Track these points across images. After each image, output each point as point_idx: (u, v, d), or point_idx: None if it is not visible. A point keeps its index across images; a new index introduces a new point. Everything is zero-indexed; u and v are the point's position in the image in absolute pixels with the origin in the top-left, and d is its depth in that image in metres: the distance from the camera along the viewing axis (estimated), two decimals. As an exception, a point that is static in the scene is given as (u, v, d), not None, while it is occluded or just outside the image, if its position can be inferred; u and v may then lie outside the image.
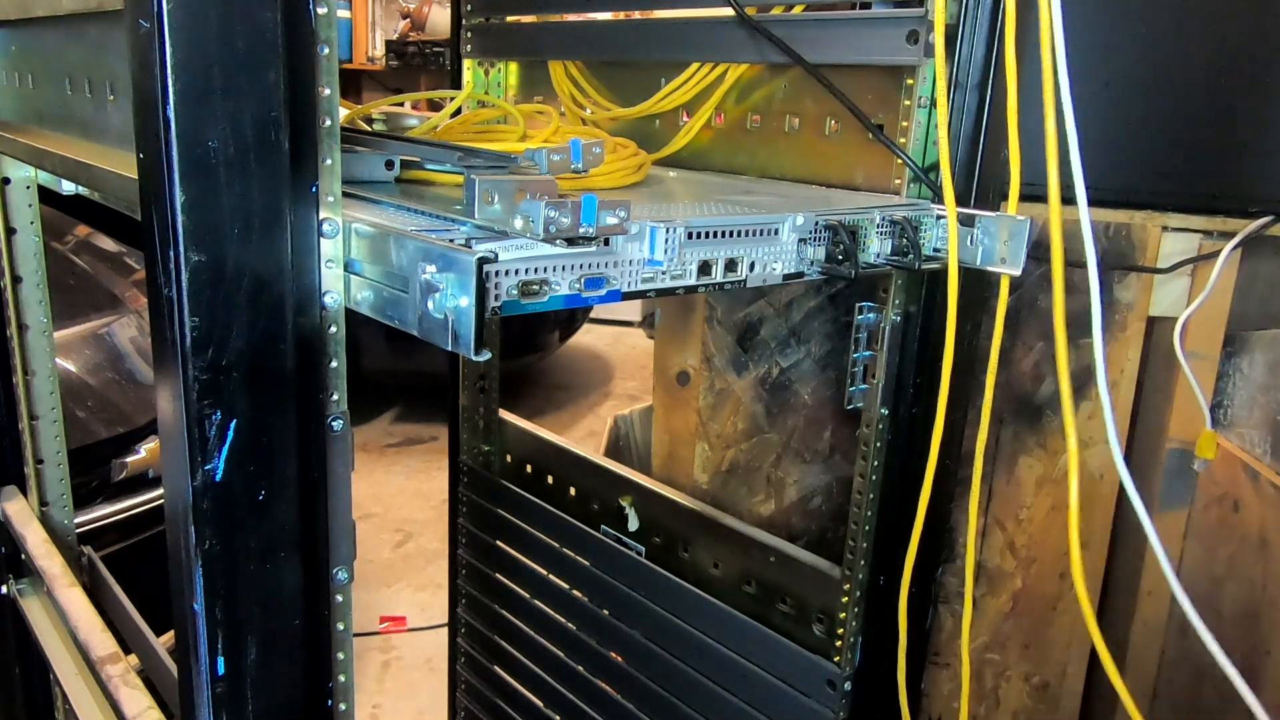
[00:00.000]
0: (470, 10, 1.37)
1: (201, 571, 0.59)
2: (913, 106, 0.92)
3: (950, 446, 0.98)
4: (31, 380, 1.26)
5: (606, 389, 4.93)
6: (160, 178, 0.54)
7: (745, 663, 1.11)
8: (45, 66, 0.96)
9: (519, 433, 1.46)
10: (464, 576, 1.55)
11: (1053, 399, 1.27)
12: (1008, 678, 1.37)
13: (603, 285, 0.70)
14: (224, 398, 0.58)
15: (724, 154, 1.15)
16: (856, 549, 1.01)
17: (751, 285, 0.79)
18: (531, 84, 1.38)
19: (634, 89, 1.22)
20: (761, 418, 1.31)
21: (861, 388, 0.99)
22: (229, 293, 0.57)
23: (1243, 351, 1.29)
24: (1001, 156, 0.90)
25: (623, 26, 1.22)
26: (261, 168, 0.57)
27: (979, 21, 0.88)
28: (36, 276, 1.25)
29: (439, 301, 0.57)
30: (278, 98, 0.56)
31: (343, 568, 0.69)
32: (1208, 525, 1.32)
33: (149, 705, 0.92)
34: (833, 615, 1.04)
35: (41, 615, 1.24)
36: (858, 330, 0.98)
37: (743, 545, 1.15)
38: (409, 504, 3.56)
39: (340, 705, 0.71)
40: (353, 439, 0.68)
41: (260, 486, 0.61)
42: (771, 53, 1.02)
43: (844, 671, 1.03)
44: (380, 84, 6.43)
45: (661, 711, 1.22)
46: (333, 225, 0.63)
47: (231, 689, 0.63)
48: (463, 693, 1.61)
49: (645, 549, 1.27)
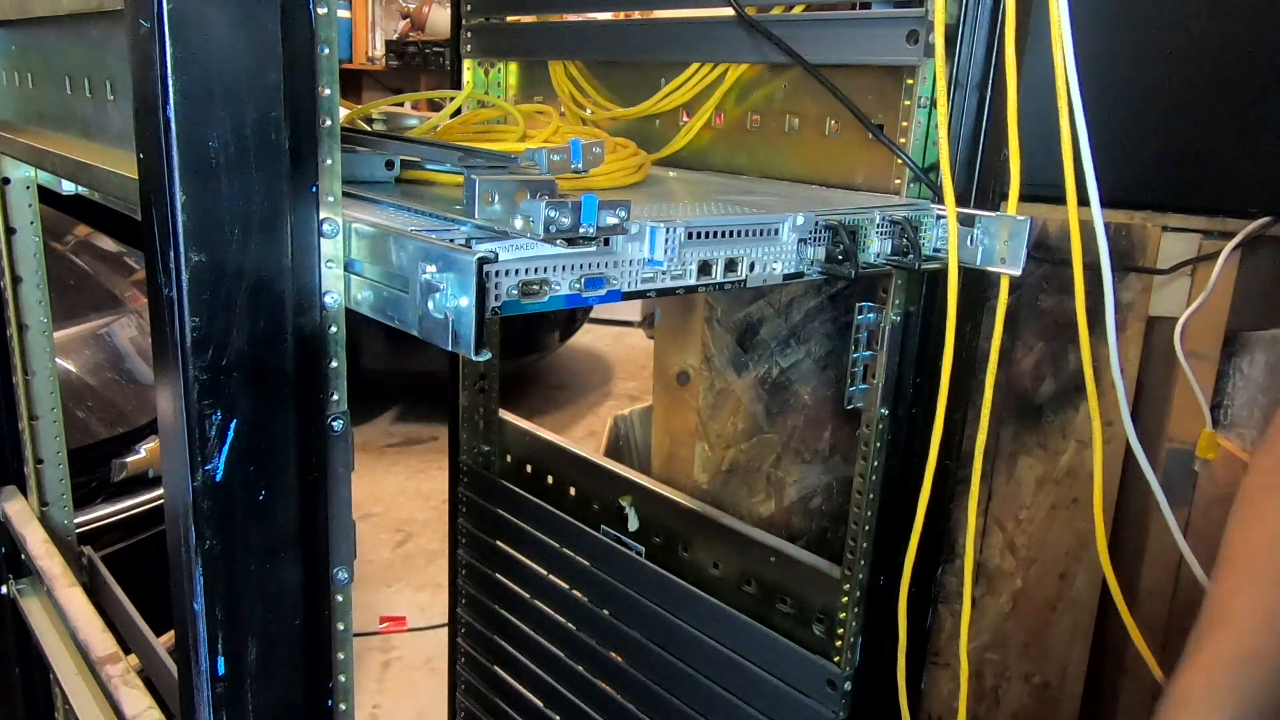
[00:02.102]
0: (470, 10, 1.37)
1: (201, 571, 0.59)
2: (913, 106, 0.92)
3: (950, 446, 0.98)
4: (31, 380, 1.26)
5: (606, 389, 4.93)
6: (160, 178, 0.54)
7: (745, 662, 1.11)
8: (45, 66, 0.96)
9: (519, 433, 1.46)
10: (464, 576, 1.55)
11: (1053, 399, 1.27)
12: (1008, 678, 1.37)
13: (603, 285, 0.70)
14: (224, 398, 0.58)
15: (724, 154, 1.15)
16: (856, 549, 1.01)
17: (751, 285, 0.79)
18: (531, 84, 1.39)
19: (634, 89, 1.22)
20: (761, 418, 1.31)
21: (861, 388, 0.99)
22: (229, 293, 0.57)
23: (1243, 351, 1.29)
24: (1001, 156, 0.90)
25: (623, 26, 1.22)
26: (261, 168, 0.57)
27: (979, 21, 0.88)
28: (36, 277, 1.25)
29: (439, 301, 0.57)
30: (278, 98, 0.56)
31: (343, 568, 0.69)
32: (1208, 525, 1.32)
33: (149, 705, 0.92)
34: (833, 615, 1.04)
35: (41, 615, 1.24)
36: (857, 330, 0.98)
37: (743, 545, 1.15)
38: (409, 504, 3.56)
39: (340, 705, 0.71)
40: (353, 439, 0.68)
41: (260, 486, 0.61)
42: (771, 53, 1.02)
43: (844, 671, 1.03)
44: (380, 84, 6.43)
45: (661, 711, 1.22)
46: (333, 225, 0.63)
47: (232, 689, 0.63)
48: (463, 693, 1.62)
49: (645, 549, 1.27)
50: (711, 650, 1.14)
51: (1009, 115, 0.87)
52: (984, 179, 0.92)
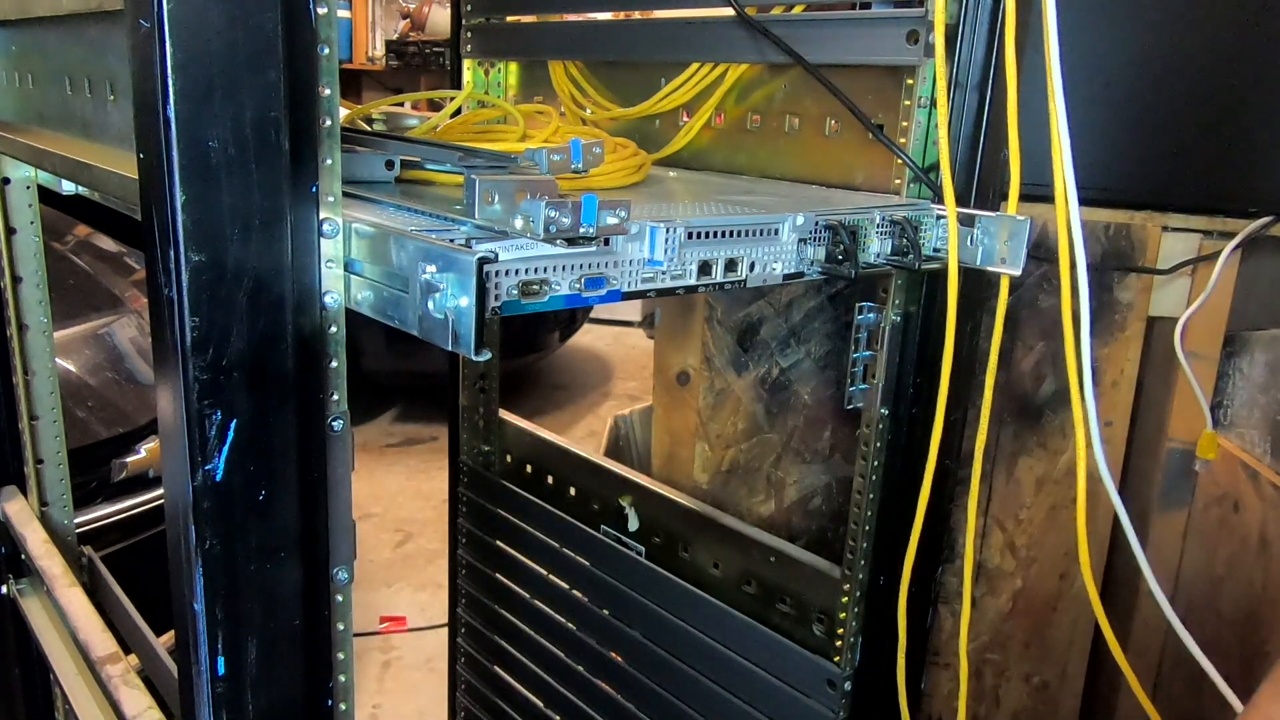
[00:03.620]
0: (470, 10, 1.37)
1: (202, 571, 0.59)
2: (913, 106, 0.92)
3: (950, 446, 0.98)
4: (31, 380, 1.26)
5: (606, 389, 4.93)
6: (160, 178, 0.54)
7: (745, 662, 1.11)
8: (45, 66, 0.96)
9: (519, 433, 1.46)
10: (464, 576, 1.55)
11: (1053, 399, 1.27)
12: (1008, 678, 1.37)
13: (603, 285, 0.70)
14: (224, 397, 0.58)
15: (724, 154, 1.15)
16: (856, 549, 1.01)
17: (751, 285, 0.79)
18: (531, 84, 1.38)
19: (634, 89, 1.22)
20: (761, 418, 1.31)
21: (861, 388, 0.99)
22: (229, 293, 0.57)
23: (1243, 351, 1.29)
24: (1001, 156, 0.90)
25: (623, 26, 1.22)
26: (261, 168, 0.57)
27: (979, 21, 0.88)
28: (36, 276, 1.25)
29: (439, 301, 0.57)
30: (278, 98, 0.56)
31: (343, 568, 0.69)
32: (1208, 525, 1.32)
33: (149, 705, 0.92)
34: (833, 615, 1.04)
35: (41, 615, 1.24)
36: (857, 330, 0.98)
37: (742, 545, 1.15)
38: (409, 504, 3.56)
39: (340, 705, 0.71)
40: (353, 439, 0.68)
41: (261, 486, 0.61)
42: (771, 52, 1.02)
43: (844, 671, 1.03)
44: (380, 84, 6.42)
45: (661, 711, 1.22)
46: (333, 225, 0.63)
47: (232, 689, 0.63)
48: (463, 692, 1.62)
49: (645, 549, 1.27)
50: (711, 650, 1.14)
51: (1009, 115, 0.87)
52: (984, 179, 0.91)
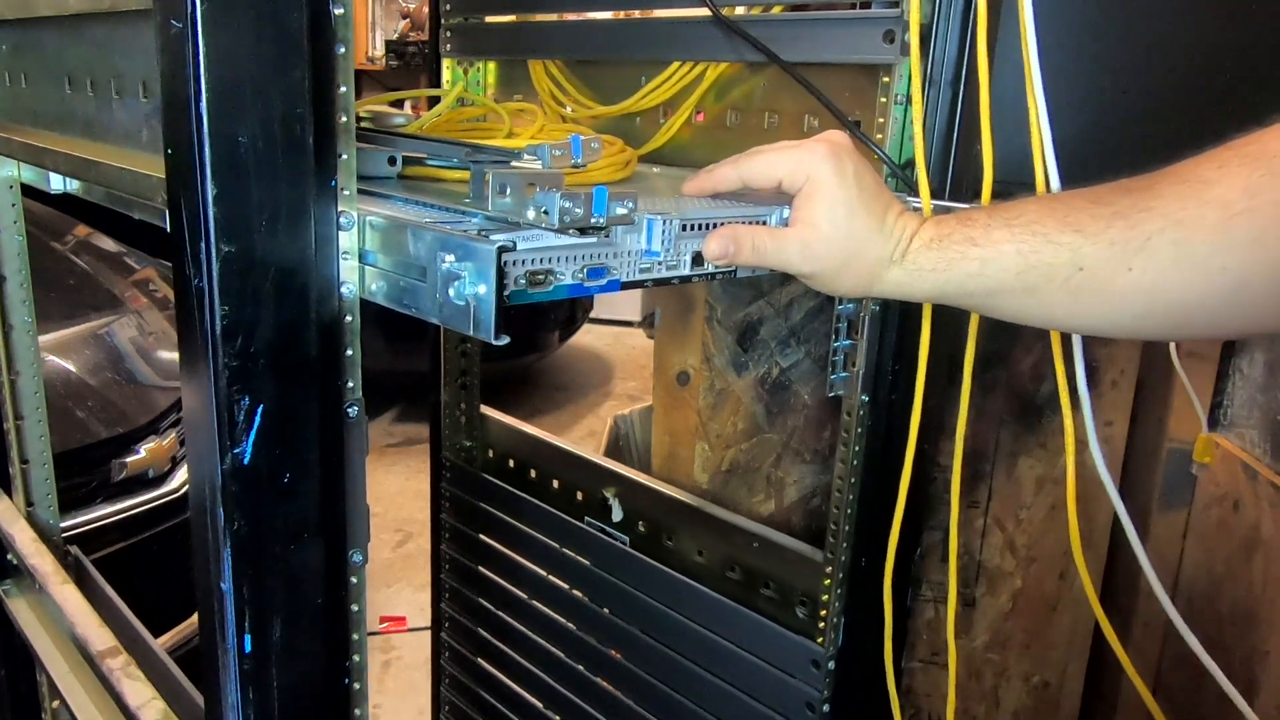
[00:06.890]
0: (449, 10, 1.39)
1: (230, 552, 0.61)
2: (889, 104, 0.96)
3: (929, 431, 1.01)
4: (17, 380, 1.26)
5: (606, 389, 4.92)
6: (191, 172, 0.56)
7: (730, 646, 1.14)
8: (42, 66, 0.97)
9: (501, 428, 1.48)
10: (447, 572, 1.56)
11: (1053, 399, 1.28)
12: (1007, 678, 1.38)
13: (604, 275, 0.72)
14: (252, 384, 0.60)
15: (705, 150, 1.18)
16: (839, 532, 1.04)
17: (742, 274, 0.82)
18: (511, 83, 1.40)
19: (614, 87, 1.25)
20: (761, 418, 1.32)
21: (842, 375, 1.02)
22: (257, 283, 0.59)
23: (1243, 351, 1.30)
24: (975, 151, 0.93)
25: (602, 26, 1.24)
26: (288, 162, 0.59)
27: (951, 20, 0.91)
28: (20, 276, 1.25)
29: (459, 289, 0.60)
30: (304, 95, 0.59)
31: (358, 550, 0.71)
32: (1208, 525, 1.33)
33: (152, 696, 0.93)
34: (815, 598, 1.07)
35: (29, 614, 1.24)
36: (838, 320, 1.01)
37: (726, 532, 1.18)
38: (409, 504, 3.54)
39: (355, 685, 0.74)
40: (367, 425, 0.70)
41: (285, 470, 0.63)
42: (749, 52, 1.05)
43: (827, 651, 1.06)
44: (380, 84, 6.34)
45: (647, 696, 1.24)
46: (349, 218, 0.65)
47: (257, 665, 0.65)
48: (447, 687, 1.63)
49: (630, 539, 1.29)
50: (697, 635, 1.17)
51: (982, 111, 0.91)
52: (958, 173, 0.95)
